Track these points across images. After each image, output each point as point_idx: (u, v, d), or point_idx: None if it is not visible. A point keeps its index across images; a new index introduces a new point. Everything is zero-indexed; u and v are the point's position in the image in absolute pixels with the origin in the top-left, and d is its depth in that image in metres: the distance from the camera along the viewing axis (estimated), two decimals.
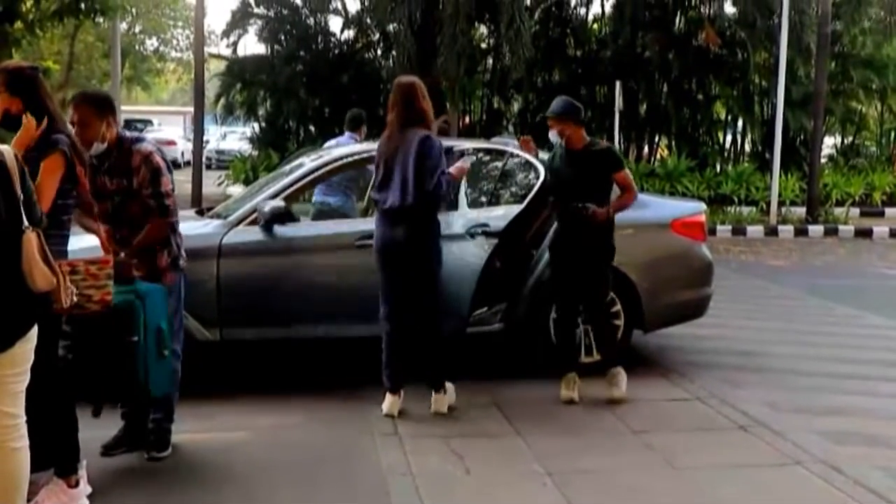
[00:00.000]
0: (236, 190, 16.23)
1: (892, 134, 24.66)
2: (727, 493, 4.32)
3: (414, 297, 5.19)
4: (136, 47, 31.20)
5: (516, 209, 5.98)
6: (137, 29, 31.55)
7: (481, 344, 6.25)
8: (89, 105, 4.32)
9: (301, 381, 6.13)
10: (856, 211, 18.77)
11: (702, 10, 21.16)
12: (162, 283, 4.37)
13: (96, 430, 4.42)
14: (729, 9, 20.74)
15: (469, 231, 5.76)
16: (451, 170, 5.21)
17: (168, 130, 35.52)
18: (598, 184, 5.60)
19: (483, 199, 6.42)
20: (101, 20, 15.96)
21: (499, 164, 6.52)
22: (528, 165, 6.20)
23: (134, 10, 27.48)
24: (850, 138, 24.04)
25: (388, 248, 5.20)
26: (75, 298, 3.57)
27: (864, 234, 16.37)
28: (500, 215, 5.99)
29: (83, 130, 4.25)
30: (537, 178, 5.94)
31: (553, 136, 5.75)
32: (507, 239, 5.79)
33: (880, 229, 16.41)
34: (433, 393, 5.38)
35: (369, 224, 6.27)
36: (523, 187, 6.25)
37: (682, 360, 6.84)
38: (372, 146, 7.38)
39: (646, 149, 22.00)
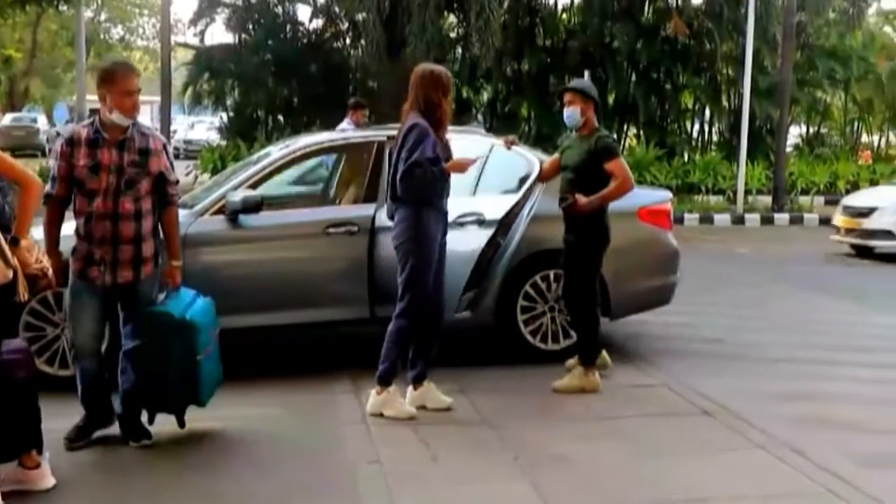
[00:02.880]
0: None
1: (856, 124, 25.07)
2: (691, 477, 4.36)
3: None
4: (101, 36, 30.83)
5: (507, 199, 6.04)
6: (102, 17, 31.18)
7: (449, 331, 6.26)
8: (139, 73, 4.48)
9: (269, 370, 6.07)
10: (820, 199, 19.06)
11: (669, 0, 21.29)
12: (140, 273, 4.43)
13: (59, 421, 4.39)
14: None
15: (458, 220, 5.79)
16: (453, 164, 5.09)
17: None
18: (595, 172, 5.56)
19: (475, 188, 6.39)
20: (64, 8, 15.75)
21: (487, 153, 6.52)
22: (520, 157, 6.27)
23: None
24: (815, 128, 24.38)
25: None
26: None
27: (829, 222, 16.50)
28: (494, 204, 6.03)
29: (136, 99, 4.39)
30: (531, 169, 6.03)
31: (570, 112, 5.63)
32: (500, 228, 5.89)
33: None
34: (375, 387, 5.16)
35: (338, 212, 6.29)
36: (516, 178, 6.26)
37: (649, 348, 6.89)
38: (348, 134, 7.41)
39: (614, 138, 22.12)
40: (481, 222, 5.99)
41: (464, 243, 5.76)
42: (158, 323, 4.46)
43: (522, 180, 6.13)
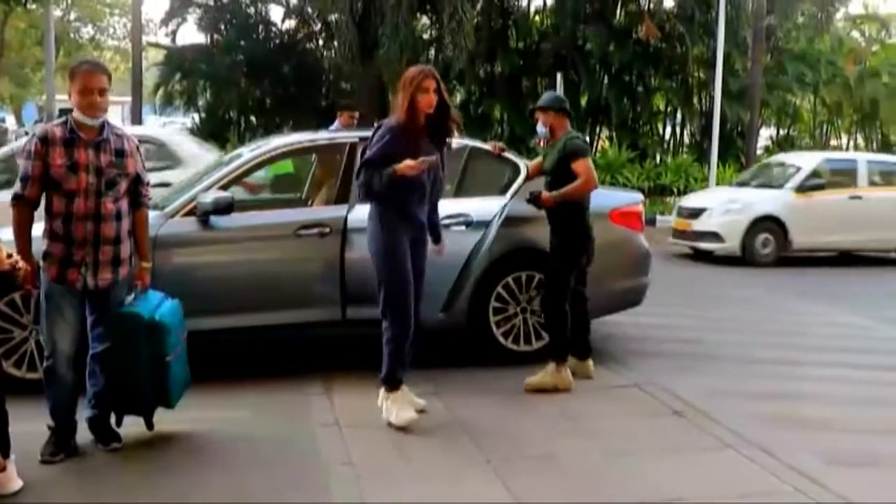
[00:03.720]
0: None
1: (825, 126, 25.39)
2: (662, 477, 4.39)
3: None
4: (71, 35, 30.50)
5: (495, 201, 6.11)
6: (72, 16, 30.83)
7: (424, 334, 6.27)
8: (106, 73, 4.35)
9: (240, 372, 6.05)
10: None
11: (641, 3, 21.48)
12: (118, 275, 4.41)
13: (27, 425, 4.34)
14: (668, 3, 21.13)
15: (443, 221, 5.80)
16: (401, 166, 4.80)
17: None
18: (565, 173, 5.68)
19: (456, 189, 6.43)
20: (33, 6, 15.56)
21: (468, 156, 6.54)
22: (506, 159, 6.32)
23: None
24: (785, 130, 24.66)
25: None
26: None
27: None
28: (482, 206, 6.09)
29: (103, 98, 4.27)
30: (517, 171, 6.12)
31: (539, 127, 5.97)
32: None
33: None
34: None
35: (310, 214, 6.26)
36: (503, 180, 6.30)
37: (622, 349, 6.93)
38: (317, 135, 7.38)
39: (587, 140, 22.28)
40: (468, 224, 6.03)
41: (451, 244, 5.73)
42: (127, 325, 4.42)
43: (510, 182, 6.20)
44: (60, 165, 4.21)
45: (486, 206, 6.14)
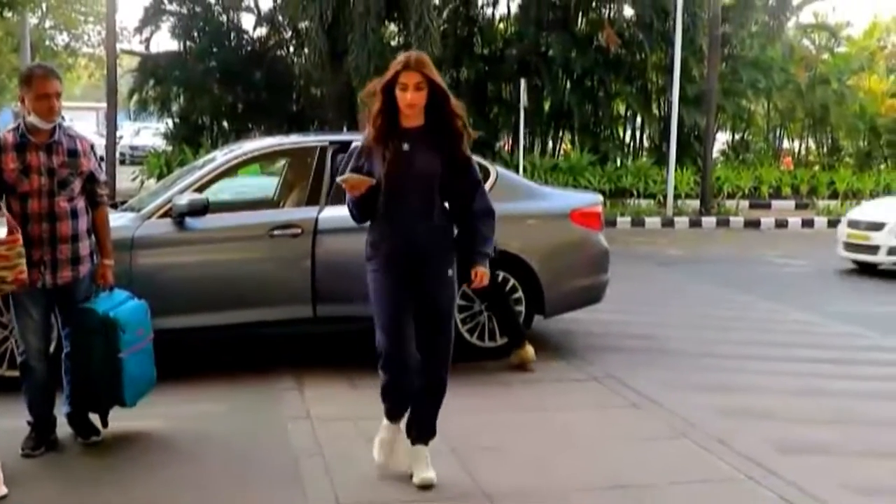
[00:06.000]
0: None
1: (778, 130, 25.91)
2: (616, 464, 4.55)
3: None
4: (47, 42, 30.13)
5: None
6: (48, 24, 30.51)
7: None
8: (58, 77, 4.47)
9: (211, 368, 6.16)
10: (745, 203, 19.81)
11: (602, 11, 21.79)
12: (79, 273, 4.50)
13: (8, 421, 4.48)
14: (627, 11, 21.47)
15: None
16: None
17: (80, 126, 34.18)
18: None
19: None
20: (9, 14, 15.48)
21: None
22: (477, 164, 6.48)
23: (44, 5, 26.70)
24: (740, 134, 25.12)
25: None
26: None
27: (753, 224, 17.31)
28: None
29: (59, 102, 4.39)
30: (487, 174, 6.23)
31: None
32: None
33: (767, 220, 17.46)
34: None
35: (282, 215, 6.41)
36: None
37: (582, 344, 7.11)
38: (288, 139, 7.55)
39: (550, 144, 22.55)
40: None
41: None
42: (82, 319, 4.50)
43: None
44: (13, 170, 4.33)
45: None
